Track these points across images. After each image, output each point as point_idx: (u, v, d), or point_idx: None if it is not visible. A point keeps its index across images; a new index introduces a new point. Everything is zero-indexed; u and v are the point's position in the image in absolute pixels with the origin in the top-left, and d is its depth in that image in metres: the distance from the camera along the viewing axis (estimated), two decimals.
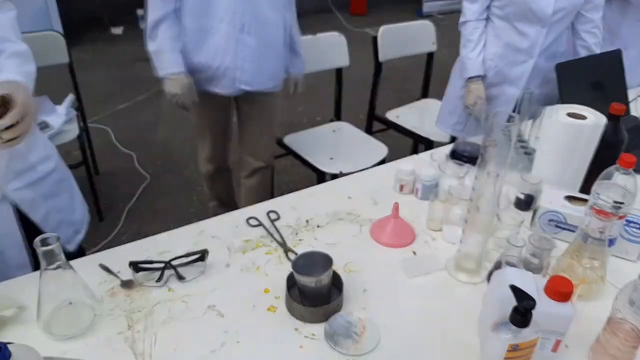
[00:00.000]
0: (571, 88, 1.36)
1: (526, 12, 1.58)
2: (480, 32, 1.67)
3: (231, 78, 1.59)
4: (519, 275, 0.75)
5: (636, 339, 0.72)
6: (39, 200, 1.03)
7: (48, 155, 1.06)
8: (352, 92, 3.77)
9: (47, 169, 1.05)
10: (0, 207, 0.96)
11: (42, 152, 1.05)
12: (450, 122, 1.90)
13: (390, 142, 2.91)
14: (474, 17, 1.66)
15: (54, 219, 1.07)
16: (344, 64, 2.14)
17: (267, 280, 0.91)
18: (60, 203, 1.10)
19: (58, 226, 1.08)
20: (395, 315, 0.85)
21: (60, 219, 1.09)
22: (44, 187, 1.05)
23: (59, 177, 1.09)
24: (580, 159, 1.08)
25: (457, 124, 1.87)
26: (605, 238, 0.84)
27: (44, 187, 1.05)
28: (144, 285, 0.88)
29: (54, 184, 1.08)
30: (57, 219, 1.08)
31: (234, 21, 1.50)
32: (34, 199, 1.02)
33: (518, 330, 0.65)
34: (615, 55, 1.46)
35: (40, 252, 0.72)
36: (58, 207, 1.08)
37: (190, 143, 2.92)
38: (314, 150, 1.97)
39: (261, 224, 1.05)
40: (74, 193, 1.16)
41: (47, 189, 1.06)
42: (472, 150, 1.21)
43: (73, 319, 0.79)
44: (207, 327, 0.81)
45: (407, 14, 5.67)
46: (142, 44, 1.60)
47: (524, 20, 1.61)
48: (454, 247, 1.00)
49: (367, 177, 1.25)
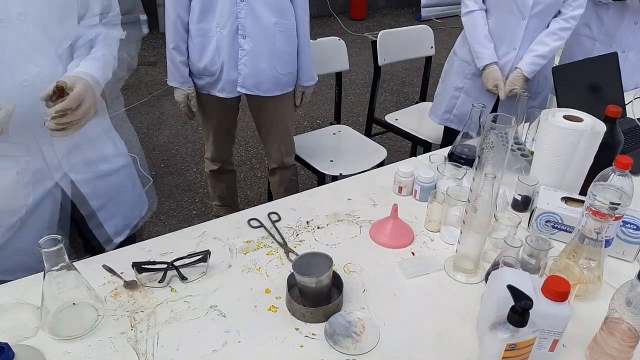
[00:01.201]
0: (568, 91, 1.37)
1: (508, 2, 1.62)
2: (486, 21, 1.70)
3: (231, 82, 1.62)
4: (516, 275, 0.76)
5: (633, 339, 0.73)
6: (93, 196, 1.06)
7: (116, 154, 1.10)
8: (351, 95, 3.80)
9: (112, 167, 1.09)
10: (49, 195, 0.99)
11: (110, 150, 1.09)
12: (438, 112, 1.94)
13: (389, 144, 2.93)
14: (477, 6, 1.68)
15: (108, 212, 1.10)
16: (343, 68, 2.16)
17: (268, 281, 0.92)
18: (120, 198, 1.13)
19: (111, 218, 1.11)
20: (394, 315, 0.85)
21: (114, 211, 1.12)
22: (103, 183, 1.08)
23: (123, 176, 1.13)
24: (579, 163, 1.08)
25: (445, 113, 1.91)
26: (602, 239, 0.85)
27: (104, 183, 1.08)
28: (147, 285, 0.89)
29: (116, 183, 1.11)
30: (112, 211, 1.11)
31: (232, 25, 1.53)
32: (88, 194, 1.05)
33: (516, 329, 0.66)
34: (612, 58, 1.48)
35: (43, 254, 0.73)
36: (115, 200, 1.11)
37: (193, 146, 2.94)
38: (315, 153, 1.99)
39: (262, 225, 1.06)
40: (133, 192, 1.18)
41: (103, 186, 1.08)
42: (470, 153, 1.22)
43: (76, 319, 0.80)
44: (209, 327, 0.82)
45: (406, 18, 5.70)
46: (145, 49, 1.62)
47: (505, 11, 1.64)
48: (452, 247, 1.01)
49: (367, 179, 1.26)
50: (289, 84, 1.71)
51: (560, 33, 1.64)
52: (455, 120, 1.89)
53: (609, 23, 1.82)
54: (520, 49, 1.67)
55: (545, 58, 1.66)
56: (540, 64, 1.66)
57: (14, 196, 0.96)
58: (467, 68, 1.80)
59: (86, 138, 1.01)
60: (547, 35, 1.65)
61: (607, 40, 1.83)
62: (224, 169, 1.97)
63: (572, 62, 1.49)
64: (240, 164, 2.79)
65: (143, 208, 1.22)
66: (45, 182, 0.99)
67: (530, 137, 1.36)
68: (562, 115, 1.09)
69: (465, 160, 1.21)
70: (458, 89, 1.85)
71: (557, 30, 1.64)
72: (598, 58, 1.52)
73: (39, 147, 0.95)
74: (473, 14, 1.70)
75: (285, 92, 1.70)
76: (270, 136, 1.84)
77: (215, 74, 1.62)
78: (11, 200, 0.96)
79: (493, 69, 1.70)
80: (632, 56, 1.80)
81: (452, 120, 1.90)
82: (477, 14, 1.69)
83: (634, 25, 1.78)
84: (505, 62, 1.70)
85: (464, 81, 1.83)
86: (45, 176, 0.99)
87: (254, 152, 2.92)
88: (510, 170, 1.23)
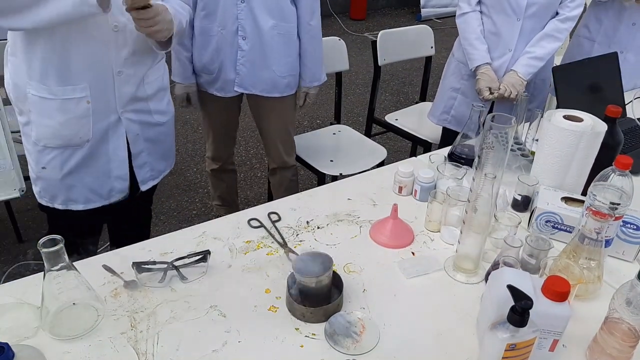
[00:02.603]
0: (568, 91, 1.37)
1: (502, 3, 1.62)
2: (479, 22, 1.70)
3: (229, 82, 1.63)
4: (516, 275, 0.76)
5: (633, 339, 0.73)
6: (141, 138, 1.28)
7: (166, 111, 1.34)
8: (351, 95, 3.80)
9: (160, 120, 1.32)
10: (116, 128, 1.23)
11: (164, 107, 1.33)
12: (436, 113, 1.94)
13: (389, 144, 2.93)
14: (470, 8, 1.69)
15: (143, 159, 1.32)
16: (343, 68, 2.16)
17: (268, 281, 0.92)
18: (153, 150, 1.34)
19: (142, 165, 1.33)
20: (394, 315, 0.86)
21: (146, 160, 1.33)
22: (149, 131, 1.30)
23: (164, 131, 1.35)
24: (580, 164, 1.08)
25: (443, 114, 1.91)
26: (602, 239, 0.85)
27: (150, 132, 1.30)
28: (147, 285, 0.89)
29: (158, 134, 1.33)
30: (144, 159, 1.33)
31: (232, 26, 1.53)
32: (138, 135, 1.27)
33: (516, 329, 0.66)
34: (612, 58, 1.48)
35: (44, 254, 0.73)
36: (149, 151, 1.33)
37: (193, 145, 2.94)
38: (315, 153, 1.99)
39: (262, 225, 1.06)
40: (168, 149, 1.42)
41: (151, 134, 1.31)
42: (470, 153, 1.22)
43: (76, 319, 0.80)
44: (209, 327, 0.82)
45: (406, 18, 5.70)
46: None
47: (499, 12, 1.64)
48: (452, 247, 1.02)
49: (367, 179, 1.26)
50: (290, 87, 1.71)
51: (557, 34, 1.64)
52: (452, 121, 1.89)
53: (607, 24, 1.82)
54: (516, 51, 1.67)
55: (541, 60, 1.65)
56: (537, 66, 1.65)
57: (83, 124, 1.17)
58: (464, 69, 1.80)
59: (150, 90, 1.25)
60: (543, 37, 1.64)
61: (606, 41, 1.83)
62: (225, 169, 1.98)
63: (572, 62, 1.49)
64: (240, 164, 2.79)
65: (168, 167, 1.45)
66: (110, 115, 1.20)
67: (530, 137, 1.36)
68: (562, 116, 1.09)
69: (465, 160, 1.21)
70: (455, 89, 1.85)
71: (552, 32, 1.64)
72: (598, 58, 1.52)
73: (113, 86, 1.17)
74: (466, 15, 1.71)
75: (285, 94, 1.70)
76: (270, 136, 1.84)
77: (213, 73, 1.63)
78: (80, 127, 1.17)
79: (486, 69, 1.69)
80: (630, 57, 1.80)
81: (449, 121, 1.90)
82: (471, 16, 1.69)
83: (632, 26, 1.78)
84: (500, 64, 1.70)
85: (460, 82, 1.83)
86: (111, 111, 1.20)
87: (254, 152, 2.92)
88: (510, 170, 1.23)
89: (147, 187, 1.37)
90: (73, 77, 1.12)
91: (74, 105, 1.14)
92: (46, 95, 1.12)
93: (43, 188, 1.25)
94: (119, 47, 1.14)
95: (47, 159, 1.19)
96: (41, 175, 1.22)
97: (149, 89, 1.25)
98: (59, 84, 1.12)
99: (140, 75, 1.22)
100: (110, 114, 1.20)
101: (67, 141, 1.18)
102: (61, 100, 1.13)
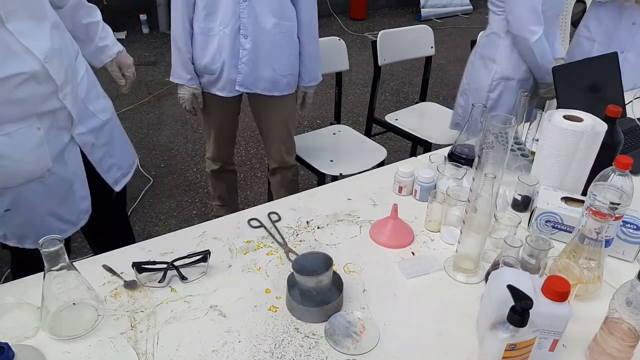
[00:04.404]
0: (568, 91, 1.37)
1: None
2: None
3: (230, 81, 1.63)
4: (516, 275, 0.76)
5: (633, 339, 0.73)
6: (97, 145, 1.23)
7: (106, 107, 1.27)
8: (351, 95, 3.80)
9: (104, 118, 1.25)
10: (70, 148, 1.15)
11: (102, 103, 1.26)
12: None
13: (389, 144, 2.93)
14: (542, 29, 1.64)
15: (107, 163, 1.27)
16: (343, 68, 2.15)
17: (268, 281, 0.92)
18: (112, 149, 1.29)
19: (109, 169, 1.29)
20: (394, 315, 0.86)
21: (111, 163, 1.29)
22: (101, 134, 1.24)
23: (112, 127, 1.30)
24: (581, 164, 1.08)
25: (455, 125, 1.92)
26: (602, 239, 0.85)
27: (101, 135, 1.25)
28: (147, 285, 0.89)
29: (109, 132, 1.28)
30: (110, 162, 1.28)
31: (234, 25, 1.53)
32: (94, 144, 1.22)
33: (516, 329, 0.66)
34: (612, 58, 1.48)
35: (44, 254, 0.73)
36: (110, 153, 1.28)
37: (193, 146, 2.94)
38: (315, 153, 1.99)
39: (262, 225, 1.06)
40: (124, 142, 1.37)
41: (103, 136, 1.25)
42: (470, 153, 1.22)
43: (76, 319, 0.80)
44: (209, 327, 0.82)
45: (406, 18, 5.70)
46: (145, 49, 1.63)
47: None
48: (452, 247, 1.02)
49: (367, 179, 1.26)
50: (290, 86, 1.71)
51: None
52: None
53: (607, 24, 1.82)
54: None
55: None
56: None
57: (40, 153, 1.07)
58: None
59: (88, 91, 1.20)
60: None
61: (606, 41, 1.83)
62: (225, 169, 1.98)
63: (572, 62, 1.49)
64: (240, 164, 2.79)
65: (132, 159, 1.41)
66: (64, 136, 1.12)
67: (530, 137, 1.36)
68: (562, 116, 1.09)
69: (465, 160, 1.21)
70: None
71: None
72: (598, 58, 1.52)
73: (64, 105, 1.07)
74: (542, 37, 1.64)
75: (285, 93, 1.70)
76: (270, 136, 1.84)
77: (215, 73, 1.62)
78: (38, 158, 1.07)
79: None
80: (630, 57, 1.80)
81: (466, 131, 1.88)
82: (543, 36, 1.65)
83: (632, 26, 1.77)
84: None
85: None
86: (63, 132, 1.11)
87: (254, 152, 2.92)
88: (510, 170, 1.23)
89: (122, 185, 1.33)
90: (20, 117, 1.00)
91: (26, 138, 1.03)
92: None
93: (9, 231, 1.12)
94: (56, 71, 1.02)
95: (9, 201, 1.07)
96: (5, 219, 1.09)
97: (82, 93, 1.17)
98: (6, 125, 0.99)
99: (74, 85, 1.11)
100: (63, 136, 1.11)
101: (29, 176, 1.06)
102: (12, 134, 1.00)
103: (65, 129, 1.11)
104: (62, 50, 1.07)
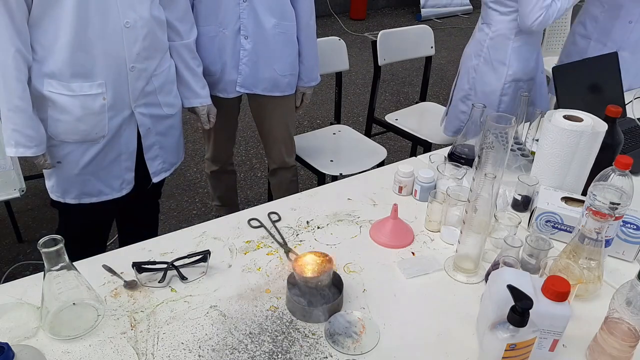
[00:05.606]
0: (568, 91, 1.37)
1: None
2: None
3: (231, 82, 1.62)
4: (516, 275, 0.76)
5: (633, 339, 0.73)
6: (152, 132, 1.34)
7: (173, 104, 1.38)
8: (351, 95, 3.80)
9: (168, 112, 1.37)
10: (128, 123, 1.28)
11: (171, 100, 1.37)
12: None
13: (389, 144, 2.93)
14: None
15: (155, 152, 1.38)
16: (343, 68, 2.15)
17: (268, 281, 0.92)
18: (164, 142, 1.40)
19: (155, 158, 1.39)
20: (394, 315, 0.86)
21: (159, 154, 1.40)
22: (159, 124, 1.36)
23: (172, 123, 1.41)
24: (581, 164, 1.08)
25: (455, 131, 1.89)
26: (602, 239, 0.85)
27: (159, 124, 1.36)
28: (147, 285, 0.89)
29: (167, 126, 1.39)
30: (157, 152, 1.39)
31: (234, 26, 1.53)
32: (149, 129, 1.33)
33: (516, 329, 0.66)
34: (612, 58, 1.48)
35: (44, 254, 0.73)
36: (161, 144, 1.39)
37: (193, 146, 2.94)
38: (315, 153, 1.99)
39: (262, 225, 1.06)
40: (178, 142, 1.47)
41: (161, 126, 1.37)
42: (470, 153, 1.22)
43: (76, 319, 0.80)
44: (209, 327, 0.82)
45: (406, 18, 5.70)
46: None
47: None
48: (452, 247, 1.02)
49: (367, 179, 1.26)
50: (290, 86, 1.71)
51: None
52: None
53: (603, 22, 1.81)
54: None
55: None
56: None
57: (99, 119, 1.21)
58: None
59: (157, 83, 1.31)
60: None
61: (602, 39, 1.82)
62: (224, 170, 1.97)
63: (572, 62, 1.49)
64: (240, 164, 2.79)
65: (178, 159, 1.51)
66: (124, 111, 1.25)
67: (530, 137, 1.36)
68: (562, 116, 1.10)
69: (465, 160, 1.21)
70: None
71: None
72: (598, 58, 1.52)
73: (127, 81, 1.21)
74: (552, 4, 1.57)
75: (285, 93, 1.70)
76: (270, 137, 1.84)
77: (216, 74, 1.62)
78: (97, 123, 1.21)
79: None
80: (626, 55, 1.79)
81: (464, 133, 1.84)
82: None
83: (628, 24, 1.77)
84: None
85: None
86: (125, 106, 1.25)
87: (254, 152, 2.92)
88: (510, 170, 1.23)
89: (159, 178, 1.43)
90: (90, 74, 1.16)
91: (91, 102, 1.18)
92: (64, 92, 1.15)
93: (56, 183, 1.28)
94: (131, 43, 1.18)
95: (62, 154, 1.23)
96: (55, 170, 1.26)
97: (157, 82, 1.30)
98: (77, 80, 1.15)
99: (150, 70, 1.26)
100: (124, 110, 1.25)
101: (84, 136, 1.21)
102: (79, 97, 1.16)
103: (127, 105, 1.25)
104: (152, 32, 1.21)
